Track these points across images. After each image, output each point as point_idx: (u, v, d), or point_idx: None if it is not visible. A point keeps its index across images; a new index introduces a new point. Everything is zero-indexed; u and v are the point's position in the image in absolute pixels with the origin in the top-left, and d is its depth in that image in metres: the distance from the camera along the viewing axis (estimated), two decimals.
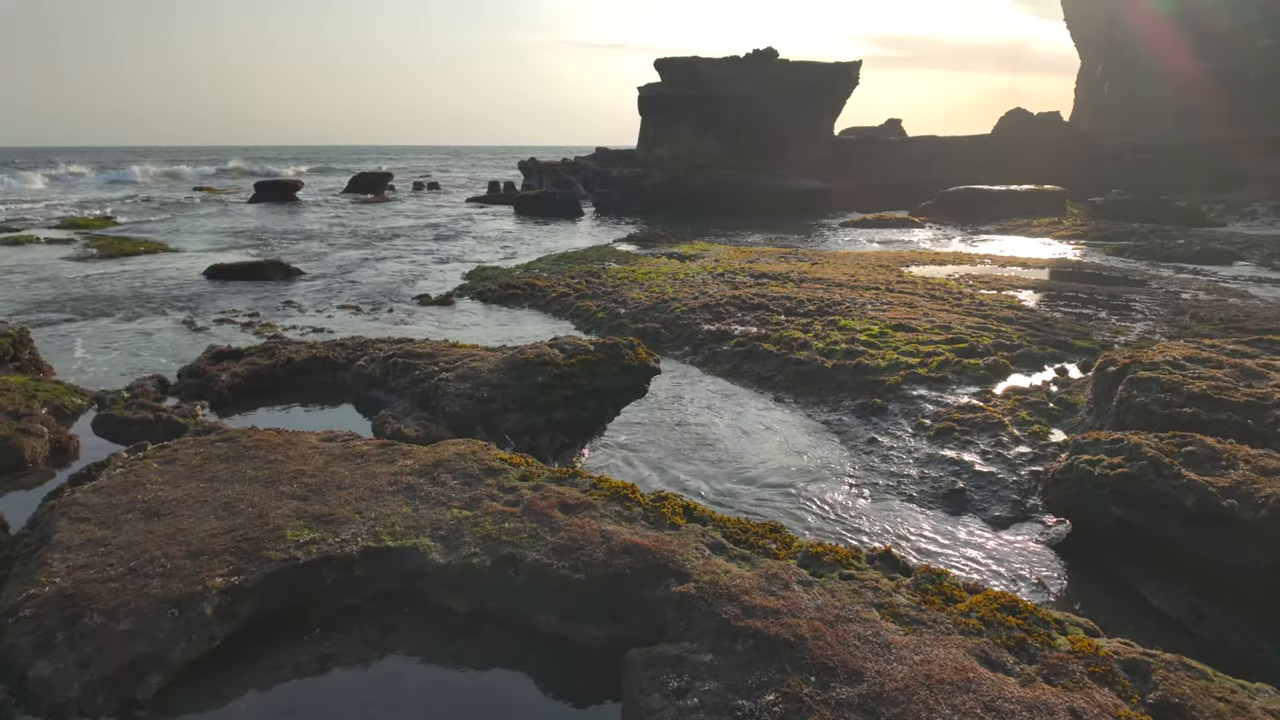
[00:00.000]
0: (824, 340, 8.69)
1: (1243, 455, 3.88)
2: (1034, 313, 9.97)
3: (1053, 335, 8.62)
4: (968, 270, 14.02)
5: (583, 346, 6.12)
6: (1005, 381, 7.25)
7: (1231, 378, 5.00)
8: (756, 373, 8.40)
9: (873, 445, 6.23)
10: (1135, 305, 10.52)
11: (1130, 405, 4.93)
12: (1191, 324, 9.26)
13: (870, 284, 11.96)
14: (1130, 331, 8.96)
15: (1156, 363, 5.25)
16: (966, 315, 9.60)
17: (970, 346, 8.03)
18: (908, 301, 10.50)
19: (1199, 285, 12.64)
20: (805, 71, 34.50)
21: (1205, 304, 10.77)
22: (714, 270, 13.88)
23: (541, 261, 16.40)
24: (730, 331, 9.60)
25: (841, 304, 10.48)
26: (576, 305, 11.63)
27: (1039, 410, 6.37)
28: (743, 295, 11.22)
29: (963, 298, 10.77)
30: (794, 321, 9.76)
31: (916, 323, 9.16)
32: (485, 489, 3.78)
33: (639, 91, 35.42)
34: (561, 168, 42.65)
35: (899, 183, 34.88)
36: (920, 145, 39.16)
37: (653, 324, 10.29)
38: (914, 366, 7.61)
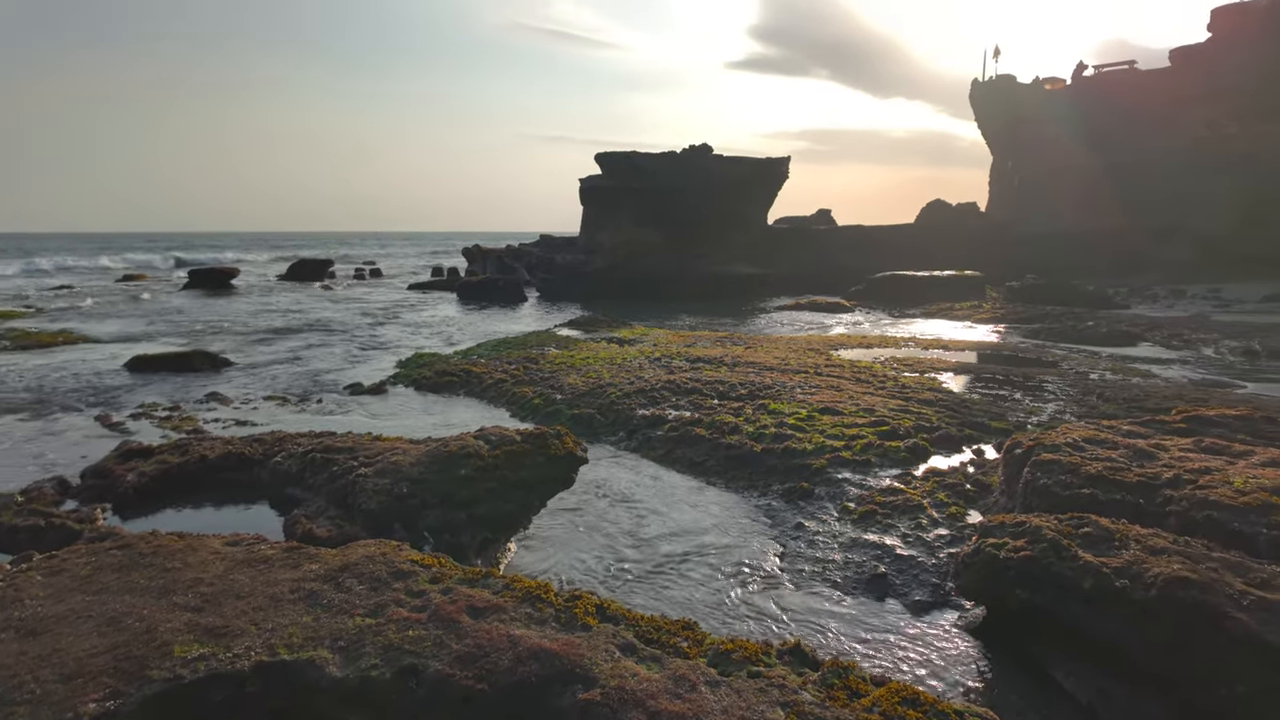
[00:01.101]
0: (754, 424, 8.83)
1: (1134, 535, 4.06)
2: (954, 394, 10.38)
3: (970, 417, 8.97)
4: (892, 353, 14.57)
5: (509, 437, 6.08)
6: (925, 463, 7.47)
7: (1125, 458, 5.27)
8: (689, 457, 8.45)
9: (799, 530, 6.28)
10: (1048, 386, 11.06)
11: (1034, 487, 5.13)
12: (1098, 404, 9.76)
13: (800, 367, 12.30)
14: (1043, 412, 9.39)
15: (1058, 445, 5.51)
16: (890, 398, 9.92)
17: (892, 429, 8.28)
18: (835, 385, 10.81)
19: (1106, 365, 13.40)
20: (738, 166, 36.28)
21: (1111, 384, 11.40)
22: (652, 355, 14.08)
23: (481, 347, 16.38)
24: (664, 416, 9.68)
25: (772, 387, 10.73)
26: (513, 391, 11.60)
27: (956, 492, 6.56)
28: (678, 380, 11.38)
29: (887, 380, 11.16)
30: (726, 405, 9.92)
31: (843, 406, 9.42)
32: (392, 594, 3.65)
33: (580, 183, 36.60)
34: (506, 254, 43.23)
35: (830, 268, 36.44)
36: (849, 233, 41.21)
37: (588, 409, 10.31)
38: (839, 450, 7.78)
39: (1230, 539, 4.15)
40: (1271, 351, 14.92)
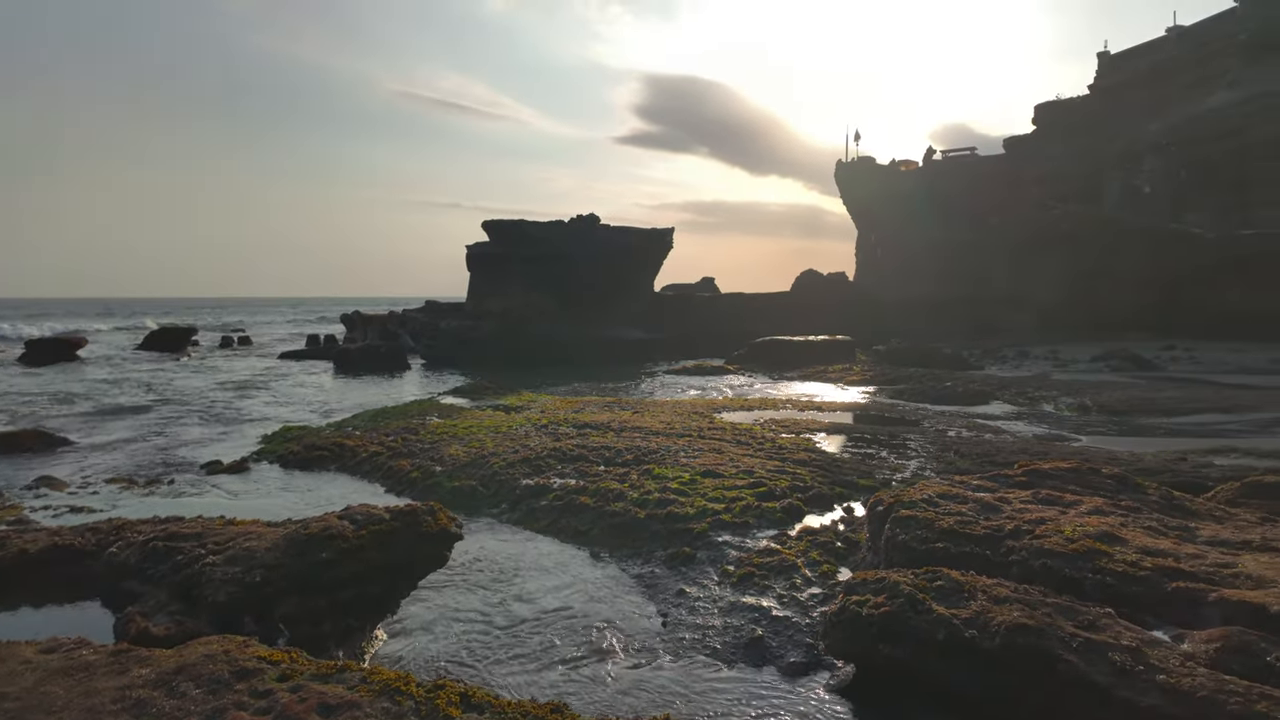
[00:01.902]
0: (639, 490, 8.85)
1: (980, 586, 4.33)
2: (826, 454, 10.85)
3: (841, 475, 9.39)
4: (772, 415, 15.13)
5: (376, 515, 5.79)
6: (800, 523, 7.71)
7: (974, 512, 5.65)
8: (573, 527, 8.33)
9: (680, 597, 6.27)
10: (910, 444, 11.78)
11: (894, 543, 5.40)
12: (955, 459, 10.48)
13: (685, 431, 12.52)
14: (906, 469, 9.97)
15: (915, 501, 5.84)
16: (767, 459, 10.25)
17: (769, 490, 8.53)
18: (717, 448, 11.06)
19: (962, 423, 14.45)
20: (625, 235, 37.34)
21: (966, 440, 12.29)
22: (538, 422, 13.93)
23: (357, 418, 15.66)
24: (549, 485, 9.54)
25: (657, 452, 10.83)
26: (389, 465, 11.11)
27: (828, 550, 6.80)
28: (564, 447, 11.28)
29: (765, 442, 11.54)
30: (612, 472, 9.90)
31: (724, 468, 9.63)
32: (234, 696, 3.34)
33: (468, 249, 36.44)
34: (389, 320, 42.00)
35: (715, 333, 37.73)
36: (731, 300, 42.99)
37: (470, 481, 10.02)
38: (719, 513, 7.91)
39: (1063, 584, 4.51)
40: (1100, 406, 16.59)
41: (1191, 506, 6.25)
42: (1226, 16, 40.28)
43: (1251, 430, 13.32)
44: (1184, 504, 6.31)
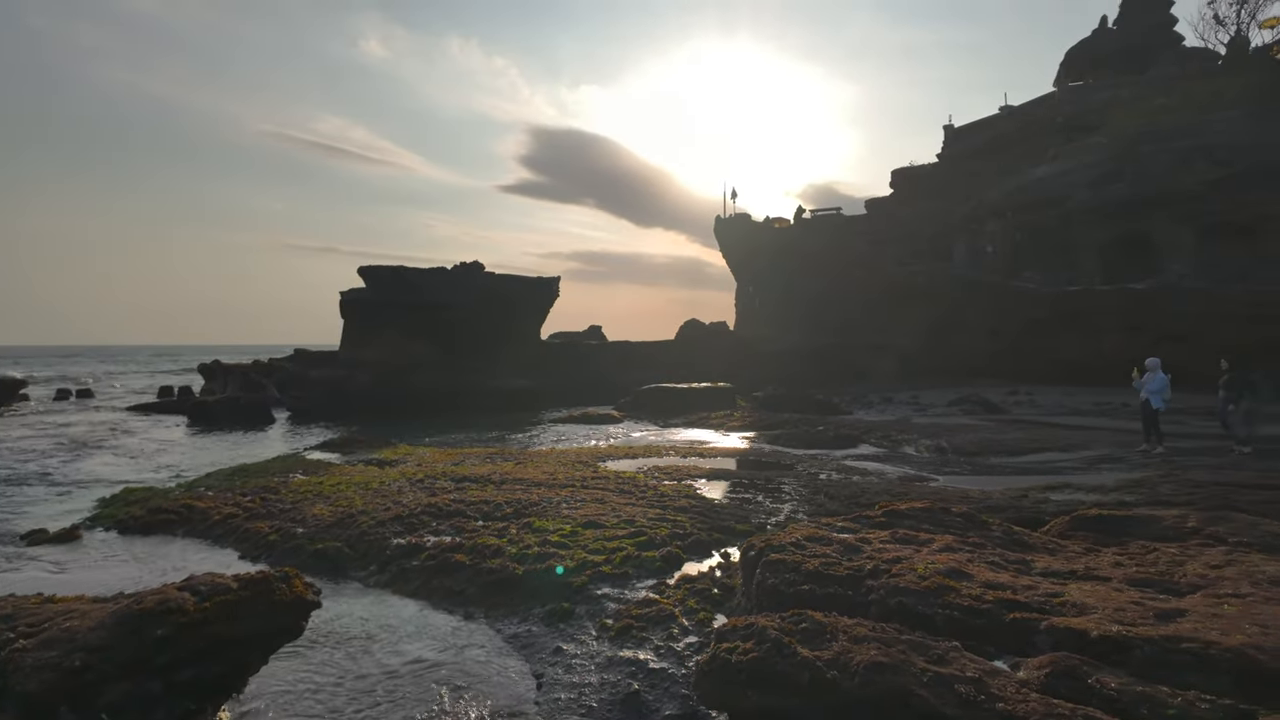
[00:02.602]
0: (518, 545, 8.63)
1: (842, 626, 4.50)
2: (706, 500, 11.04)
3: (719, 521, 9.57)
4: (655, 462, 15.27)
5: (222, 585, 5.33)
6: (679, 571, 7.76)
7: (838, 553, 5.89)
8: (448, 587, 7.99)
9: (557, 655, 6.12)
10: (785, 487, 12.20)
11: (764, 587, 5.53)
12: (825, 502, 10.93)
13: (568, 481, 12.40)
14: (780, 512, 10.29)
15: (784, 545, 6.03)
16: (649, 507, 10.30)
17: (650, 539, 8.55)
18: (599, 497, 11.01)
19: (833, 466, 15.13)
20: (510, 283, 37.13)
21: (836, 483, 12.87)
22: (414, 476, 13.38)
23: (211, 477, 14.47)
24: (423, 544, 9.13)
25: (539, 504, 10.64)
26: (245, 528, 10.29)
27: (705, 597, 6.86)
28: (440, 502, 10.88)
29: (647, 490, 11.61)
30: (491, 527, 9.62)
31: (605, 519, 9.58)
32: None
33: (342, 295, 35.01)
34: (253, 370, 39.42)
35: (602, 381, 37.92)
36: (618, 349, 43.47)
37: (335, 542, 9.43)
38: (600, 564, 7.84)
39: (917, 620, 4.76)
40: (955, 448, 17.86)
41: (1029, 540, 6.81)
42: (1047, 99, 45.88)
43: (1081, 467, 14.73)
44: (1023, 538, 6.85)
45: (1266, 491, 10.53)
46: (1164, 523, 7.52)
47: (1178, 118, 34.83)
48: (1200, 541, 6.91)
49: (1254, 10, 39.94)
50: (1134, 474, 13.15)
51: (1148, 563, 5.97)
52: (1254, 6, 39.87)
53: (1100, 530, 7.43)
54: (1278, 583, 5.18)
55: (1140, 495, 10.80)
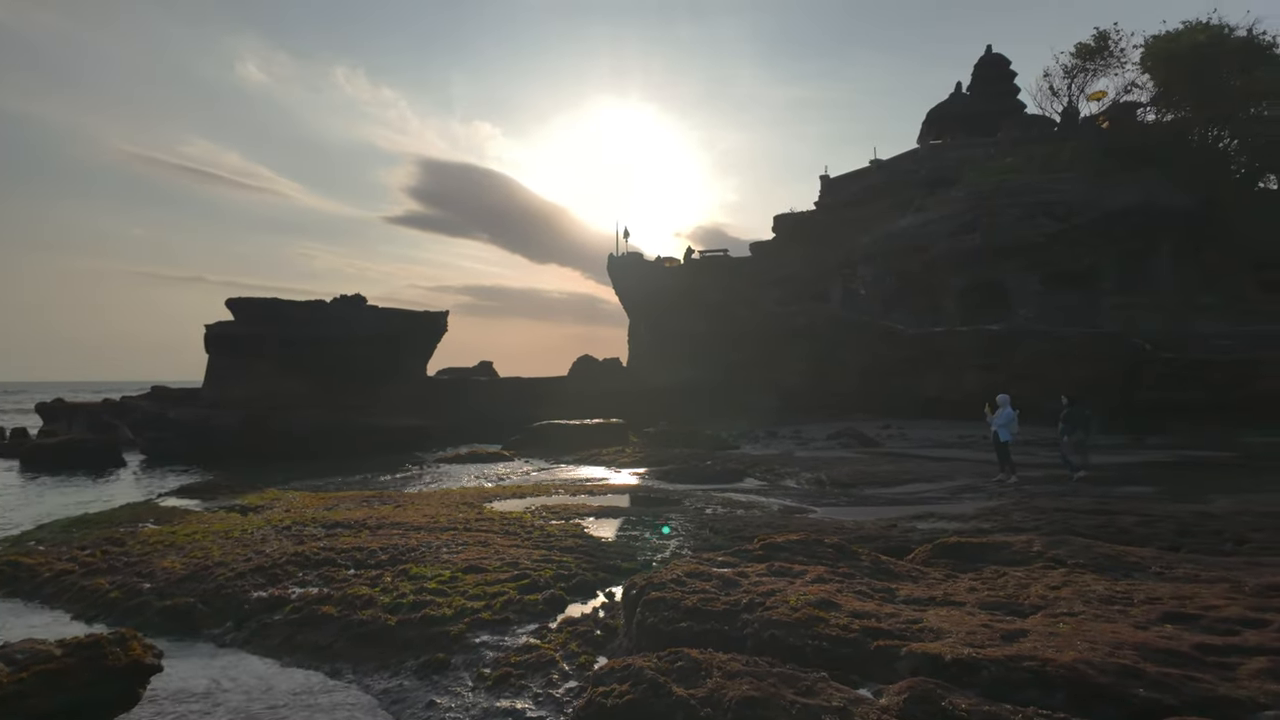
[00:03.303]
0: (392, 594, 8.21)
1: (716, 663, 4.54)
2: (593, 539, 10.95)
3: (605, 560, 9.49)
4: (543, 501, 15.03)
5: (44, 653, 4.75)
6: (562, 613, 7.61)
7: (716, 588, 5.97)
8: (312, 642, 7.45)
9: (430, 710, 5.82)
10: (672, 523, 12.29)
11: (644, 626, 5.51)
12: (710, 536, 11.09)
13: (450, 524, 11.97)
14: (666, 549, 10.34)
15: (665, 582, 6.04)
16: (534, 549, 10.09)
17: (533, 581, 8.36)
18: (482, 540, 10.68)
19: (719, 500, 15.41)
20: (395, 317, 35.95)
21: (721, 516, 13.10)
22: (280, 523, 12.52)
23: (44, 530, 12.97)
24: (287, 596, 8.52)
25: (417, 549, 10.20)
26: (81, 585, 9.25)
27: (587, 640, 6.75)
28: (308, 550, 10.21)
29: (534, 530, 11.38)
30: (363, 575, 9.11)
31: (488, 562, 9.29)
32: None
33: (208, 329, 32.72)
34: (103, 409, 35.95)
35: (491, 419, 37.14)
36: (509, 385, 42.82)
37: (187, 598, 8.64)
38: (479, 611, 7.57)
39: (788, 653, 4.87)
40: (833, 480, 18.64)
41: (895, 569, 7.16)
42: (911, 155, 49.83)
43: (945, 497, 15.72)
44: (889, 567, 7.20)
45: (1101, 516, 11.61)
46: (1013, 548, 8.12)
47: (1022, 177, 38.66)
48: (1044, 564, 7.49)
49: (1082, 85, 45.22)
50: (991, 502, 14.16)
51: (998, 586, 6.41)
52: (1082, 81, 45.14)
53: (959, 557, 7.92)
54: (1106, 601, 5.69)
55: (995, 522, 11.63)
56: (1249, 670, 4.25)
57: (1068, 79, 45.25)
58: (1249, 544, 9.63)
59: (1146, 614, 5.27)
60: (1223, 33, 38.17)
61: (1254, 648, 4.54)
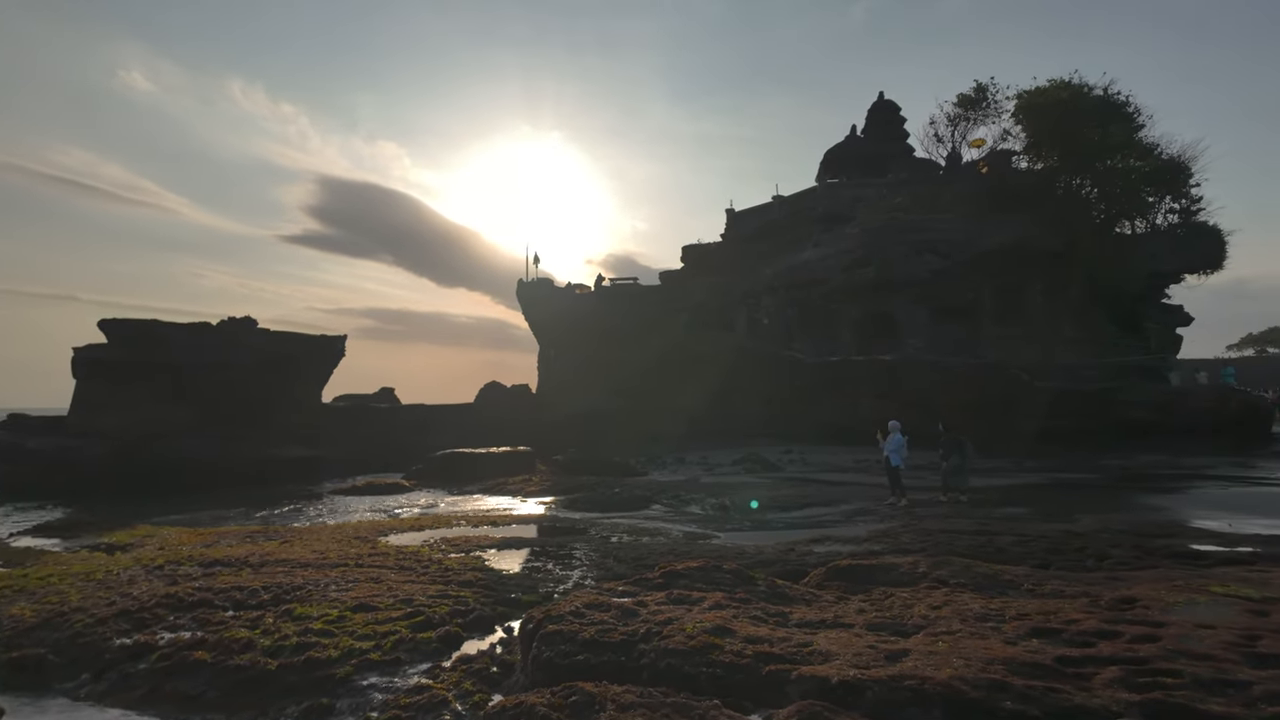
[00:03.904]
0: (273, 636, 7.72)
1: (611, 695, 4.49)
2: (494, 572, 10.68)
3: (505, 593, 9.27)
4: (443, 534, 14.57)
5: None
6: (458, 651, 7.36)
7: (615, 619, 5.93)
8: (182, 692, 6.90)
9: None
10: (576, 553, 12.17)
11: (540, 661, 5.40)
12: (614, 565, 11.03)
13: (341, 560, 11.40)
14: (569, 579, 10.21)
15: (563, 614, 5.96)
16: (431, 584, 9.74)
17: (427, 619, 8.06)
18: (375, 576, 10.23)
19: (625, 528, 15.38)
20: (288, 342, 34.27)
21: (626, 545, 13.07)
22: (152, 562, 11.58)
23: None
24: (155, 643, 7.86)
25: (303, 588, 9.65)
26: None
27: (483, 677, 6.55)
28: (182, 592, 9.48)
29: (431, 565, 11.00)
30: (242, 617, 8.53)
31: (380, 600, 8.90)
32: None
33: (75, 353, 30.16)
34: None
35: (392, 447, 35.79)
36: (411, 412, 41.47)
37: (37, 649, 7.82)
38: (368, 651, 7.22)
39: (683, 682, 4.88)
40: (736, 505, 18.99)
41: (790, 593, 7.33)
42: (810, 192, 52.18)
43: (841, 520, 16.29)
44: (785, 591, 7.37)
45: (981, 537, 12.32)
46: (901, 569, 8.48)
47: (911, 215, 41.14)
48: (928, 585, 7.86)
49: (964, 132, 48.74)
50: (882, 525, 14.78)
51: (885, 607, 6.66)
52: (964, 129, 48.66)
53: (850, 579, 8.20)
54: (981, 618, 6.02)
55: (886, 544, 12.13)
56: (1102, 680, 4.58)
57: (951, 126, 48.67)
58: (1109, 559, 10.44)
59: (1016, 629, 5.61)
60: (1083, 91, 42.15)
61: (1107, 658, 4.90)
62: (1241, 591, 6.53)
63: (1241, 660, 4.78)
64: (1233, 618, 5.68)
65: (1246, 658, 4.82)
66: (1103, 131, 40.04)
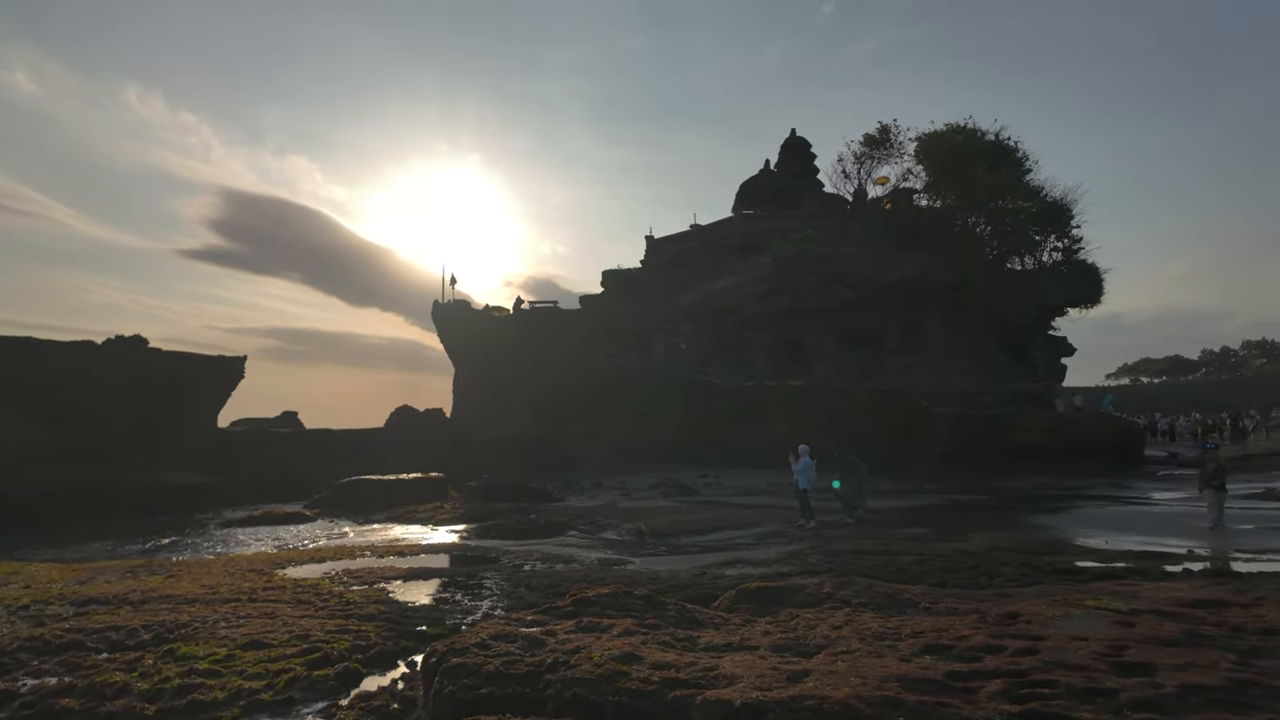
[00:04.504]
0: (152, 679, 7.17)
1: None
2: (399, 604, 10.30)
3: (410, 626, 8.95)
4: (346, 565, 13.96)
5: None
6: (357, 688, 7.04)
7: (522, 649, 5.82)
8: None
9: None
10: (487, 582, 11.89)
11: (441, 696, 5.24)
12: (526, 594, 10.84)
13: (232, 595, 10.74)
14: (478, 610, 9.96)
15: (467, 647, 5.80)
16: (330, 618, 9.30)
17: (325, 655, 7.68)
18: (270, 611, 9.68)
19: (539, 556, 15.15)
20: (182, 362, 32.34)
21: (539, 573, 12.87)
22: (15, 602, 10.58)
23: None
24: (15, 690, 7.16)
25: (188, 625, 9.02)
26: None
27: (382, 715, 6.29)
28: (49, 634, 8.70)
29: (331, 598, 10.51)
30: (118, 659, 7.89)
31: (274, 636, 8.41)
32: None
33: None
34: None
35: (294, 474, 34.12)
36: (316, 437, 39.75)
37: None
38: (259, 691, 6.81)
39: (589, 711, 4.83)
40: (652, 530, 19.03)
41: (699, 617, 7.38)
42: (726, 222, 53.65)
43: (753, 543, 16.58)
44: (694, 615, 7.42)
45: (884, 557, 12.79)
46: (807, 590, 8.70)
47: (821, 248, 42.86)
48: (832, 605, 8.09)
49: (870, 170, 51.33)
50: (792, 547, 15.13)
51: (790, 629, 6.81)
52: (869, 167, 51.26)
53: (759, 601, 8.34)
54: (879, 637, 6.23)
55: (794, 566, 12.42)
56: (987, 692, 4.82)
57: (857, 164, 51.20)
58: (999, 577, 11.04)
59: (911, 646, 5.83)
60: (976, 135, 45.24)
61: (992, 671, 5.16)
62: (1112, 604, 7.03)
63: (1110, 669, 5.13)
64: (1104, 629, 6.10)
65: (1114, 667, 5.18)
66: (994, 174, 42.99)
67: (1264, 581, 9.32)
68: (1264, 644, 5.73)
